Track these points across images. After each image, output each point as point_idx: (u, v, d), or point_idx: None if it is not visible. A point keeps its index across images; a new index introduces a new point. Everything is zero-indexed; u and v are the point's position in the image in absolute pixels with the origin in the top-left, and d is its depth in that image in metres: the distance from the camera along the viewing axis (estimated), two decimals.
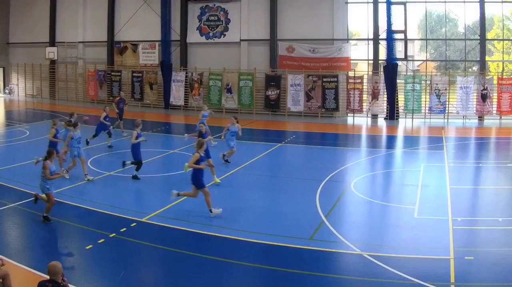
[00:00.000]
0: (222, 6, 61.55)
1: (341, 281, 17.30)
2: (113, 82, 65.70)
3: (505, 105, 53.10)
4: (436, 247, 19.59)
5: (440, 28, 63.98)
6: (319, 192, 26.98)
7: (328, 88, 56.61)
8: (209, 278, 17.13)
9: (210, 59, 61.22)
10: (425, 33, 60.32)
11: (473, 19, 57.23)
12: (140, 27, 64.57)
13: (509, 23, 61.96)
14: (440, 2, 57.50)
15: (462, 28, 59.19)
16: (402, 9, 56.25)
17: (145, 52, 65.40)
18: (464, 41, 57.94)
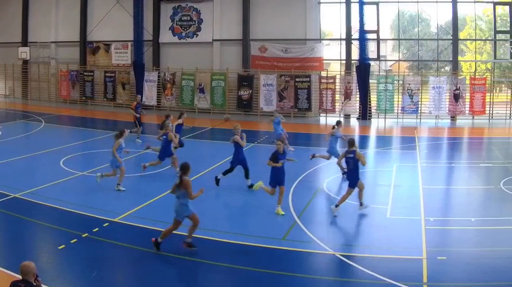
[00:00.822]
0: (194, 6, 60.24)
1: (313, 281, 17.07)
2: (85, 82, 64.15)
3: (478, 105, 52.43)
4: (409, 247, 19.35)
5: (412, 28, 63.88)
6: (291, 192, 26.37)
7: (301, 88, 55.58)
8: (182, 278, 17.21)
9: (183, 59, 59.92)
10: (398, 33, 59.93)
11: (446, 19, 56.78)
12: (112, 27, 62.97)
13: (482, 23, 62.21)
14: (413, 2, 56.69)
15: (435, 28, 58.62)
16: (374, 9, 55.52)
17: (117, 52, 63.84)
18: (437, 41, 57.45)
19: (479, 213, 23.50)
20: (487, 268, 17.54)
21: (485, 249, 19.29)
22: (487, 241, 20.26)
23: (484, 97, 52.36)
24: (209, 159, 33.90)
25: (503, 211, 23.77)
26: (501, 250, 18.98)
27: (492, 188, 27.35)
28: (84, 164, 32.56)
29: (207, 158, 34.44)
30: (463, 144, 43.29)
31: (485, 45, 63.40)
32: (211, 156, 35.36)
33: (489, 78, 54.26)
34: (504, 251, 18.89)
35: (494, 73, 58.30)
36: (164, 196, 25.08)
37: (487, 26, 63.25)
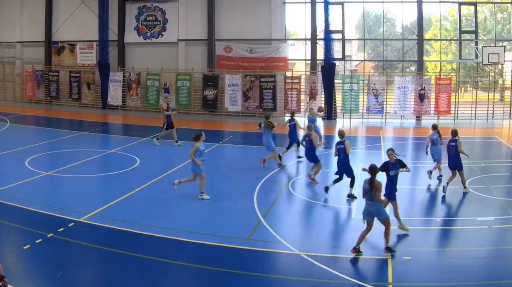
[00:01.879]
0: (159, 6, 58.38)
1: (279, 281, 16.78)
2: (50, 82, 61.94)
3: (443, 105, 51.41)
4: (374, 247, 18.92)
5: (378, 28, 63.62)
6: (256, 192, 26.05)
7: (266, 88, 53.87)
8: (147, 278, 16.55)
9: (148, 59, 58.00)
10: (363, 33, 59.00)
11: (411, 19, 56.53)
12: (77, 27, 60.75)
13: (447, 23, 61.61)
14: (378, 2, 55.26)
15: (400, 28, 58.02)
16: (339, 9, 54.12)
17: (82, 52, 61.71)
18: (402, 41, 56.40)
19: (444, 213, 23.55)
20: (453, 268, 17.40)
21: (450, 249, 19.35)
22: (452, 241, 20.34)
23: (449, 97, 51.49)
24: (174, 159, 33.34)
25: (468, 211, 23.89)
26: (466, 250, 18.77)
27: (457, 188, 26.17)
28: (49, 164, 31.69)
29: (172, 158, 34.08)
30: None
31: (450, 45, 63.16)
32: (176, 156, 34.54)
33: (454, 78, 53.56)
34: (469, 251, 18.67)
35: (459, 73, 57.83)
36: (129, 196, 24.97)
37: (452, 26, 62.36)
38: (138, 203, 23.90)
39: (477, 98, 52.73)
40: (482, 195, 25.48)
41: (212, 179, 27.96)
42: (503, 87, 56.60)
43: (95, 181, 28.30)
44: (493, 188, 26.57)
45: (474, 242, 19.57)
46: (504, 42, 55.26)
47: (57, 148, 36.73)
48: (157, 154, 35.18)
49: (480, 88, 55.64)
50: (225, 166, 32.90)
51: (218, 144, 38.83)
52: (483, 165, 30.34)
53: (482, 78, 56.43)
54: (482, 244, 19.42)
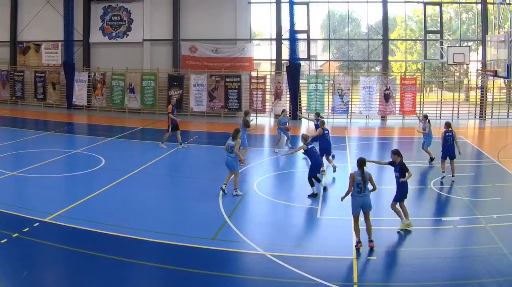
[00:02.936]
0: (125, 6, 56.43)
1: (244, 281, 16.42)
2: (16, 82, 59.69)
3: (408, 105, 50.14)
4: (339, 247, 18.73)
5: (343, 28, 62.13)
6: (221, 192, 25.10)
7: (231, 88, 52.36)
8: (112, 278, 16.07)
9: (113, 59, 56.03)
10: (328, 33, 57.48)
11: (376, 19, 55.05)
12: (43, 27, 58.50)
13: (412, 23, 61.11)
14: (343, 2, 54.19)
15: (365, 28, 56.50)
16: (304, 9, 52.86)
17: (48, 52, 59.33)
18: (367, 41, 54.72)
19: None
20: (418, 268, 16.97)
21: (415, 249, 18.80)
22: (417, 241, 19.69)
23: (414, 97, 50.20)
24: (140, 159, 32.58)
25: (433, 211, 23.59)
26: (431, 250, 18.43)
27: (422, 188, 26.45)
28: (14, 164, 30.66)
29: (137, 158, 33.20)
30: (393, 144, 40.42)
31: (415, 45, 62.24)
32: (141, 156, 34.18)
33: (419, 78, 52.32)
34: (434, 251, 18.32)
35: (424, 73, 56.87)
36: (94, 196, 24.33)
37: (417, 26, 61.97)
38: (103, 203, 23.42)
39: (442, 98, 51.81)
40: (448, 195, 25.33)
41: (177, 179, 28.75)
42: (468, 87, 55.47)
43: (60, 181, 27.49)
44: (458, 188, 26.12)
45: (439, 242, 19.40)
46: (469, 42, 54.19)
47: (22, 148, 35.76)
48: (122, 154, 34.40)
49: (445, 88, 54.47)
50: (190, 166, 32.43)
51: (184, 144, 37.27)
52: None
53: (447, 78, 55.31)
54: (447, 244, 19.16)
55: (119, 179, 27.20)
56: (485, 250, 18.08)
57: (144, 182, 27.20)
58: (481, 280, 15.80)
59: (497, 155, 34.12)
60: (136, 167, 29.77)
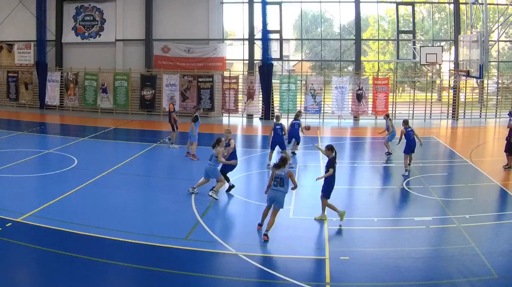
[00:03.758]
0: (97, 6, 55.00)
1: (216, 281, 15.94)
2: None
3: (380, 105, 49.48)
4: (312, 247, 18.55)
5: (315, 28, 60.46)
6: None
7: (204, 88, 51.09)
8: (85, 278, 15.53)
9: (86, 59, 54.67)
10: (301, 33, 55.87)
11: (349, 19, 54.00)
12: (15, 27, 56.89)
13: (385, 23, 60.25)
14: (315, 2, 53.17)
15: (338, 28, 55.46)
16: (277, 9, 51.80)
17: (20, 52, 57.64)
18: (340, 41, 53.66)
19: (382, 213, 22.36)
20: (390, 268, 16.61)
21: (387, 249, 18.33)
22: (390, 241, 19.26)
23: (387, 97, 49.59)
24: (112, 159, 31.82)
25: (405, 211, 23.35)
26: (404, 250, 18.02)
27: (395, 188, 26.34)
28: None
29: (110, 158, 32.48)
30: (366, 144, 40.98)
31: (388, 45, 61.01)
32: (114, 156, 33.63)
33: (392, 79, 51.52)
34: (406, 251, 17.95)
35: (397, 73, 55.94)
36: (67, 195, 23.58)
37: (390, 26, 61.00)
38: (75, 203, 22.75)
39: (415, 98, 51.08)
40: (420, 195, 24.60)
41: (150, 179, 27.91)
42: (440, 87, 55.23)
43: (32, 181, 26.61)
44: (431, 188, 25.69)
45: (412, 242, 18.86)
46: (442, 42, 53.81)
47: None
48: (95, 154, 33.67)
49: (417, 88, 53.36)
50: (163, 166, 31.79)
51: (156, 143, 37.18)
52: (421, 165, 29.43)
53: (420, 79, 54.49)
54: (420, 244, 18.73)
55: (92, 179, 26.57)
56: (458, 250, 17.81)
57: (116, 182, 26.68)
58: (453, 280, 15.50)
59: (469, 155, 33.60)
60: (108, 167, 29.20)
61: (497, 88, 51.71)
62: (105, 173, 27.98)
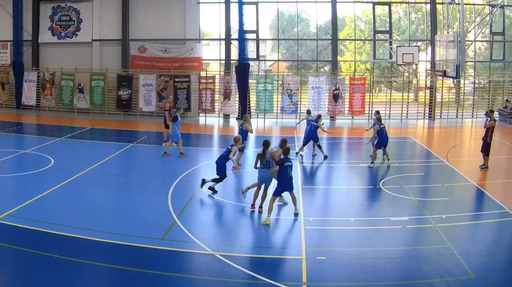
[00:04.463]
0: (74, 6, 53.77)
1: (193, 281, 15.60)
2: None
3: (357, 105, 48.80)
4: (288, 247, 18.49)
5: (292, 28, 60.37)
6: (171, 192, 24.38)
7: (180, 88, 50.05)
8: (62, 279, 15.09)
9: (62, 59, 53.44)
10: (277, 33, 55.20)
11: (325, 19, 53.20)
12: None
13: (361, 23, 58.91)
14: (292, 2, 51.97)
15: (314, 28, 54.54)
16: (254, 9, 50.51)
17: None
18: (316, 41, 52.77)
19: (358, 213, 22.13)
20: (367, 268, 16.37)
21: (364, 249, 18.10)
22: (367, 241, 18.97)
23: (363, 97, 48.94)
24: (89, 159, 31.06)
25: (382, 211, 22.75)
26: (381, 250, 17.73)
27: (371, 188, 25.78)
28: None
29: (87, 158, 31.74)
30: (342, 144, 40.31)
31: (364, 45, 59.88)
32: (90, 156, 32.83)
33: (368, 79, 51.09)
34: (383, 251, 17.66)
35: (373, 73, 55.68)
36: (43, 196, 23.07)
37: (366, 26, 59.39)
38: (52, 203, 22.28)
39: (391, 98, 50.65)
40: (397, 195, 24.23)
41: (126, 179, 27.51)
42: (417, 87, 54.46)
43: (9, 181, 26.07)
44: (407, 188, 25.33)
45: (389, 242, 18.59)
46: (418, 42, 53.13)
47: None
48: (72, 154, 33.00)
49: (394, 88, 53.44)
50: (139, 166, 31.00)
51: (133, 143, 36.48)
52: (397, 165, 29.22)
53: (396, 79, 54.39)
54: (397, 244, 18.46)
55: (68, 179, 26.03)
56: (435, 250, 17.58)
57: (93, 182, 26.16)
58: (430, 280, 15.29)
59: (446, 155, 33.20)
60: (85, 167, 28.64)
61: (474, 88, 51.41)
62: (81, 173, 27.52)
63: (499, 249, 17.82)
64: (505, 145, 36.98)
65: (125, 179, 27.30)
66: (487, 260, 16.83)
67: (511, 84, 50.49)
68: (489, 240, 18.81)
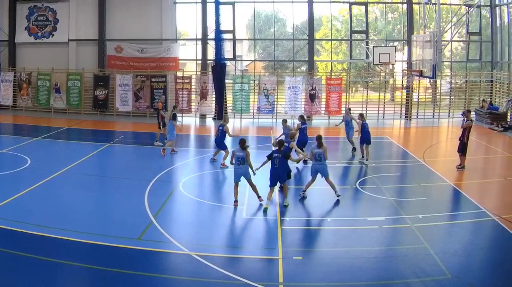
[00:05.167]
0: (50, 6, 52.57)
1: (170, 281, 15.43)
2: None
3: (333, 105, 47.97)
4: (265, 247, 18.05)
5: (268, 28, 58.97)
6: (147, 192, 24.07)
7: (157, 88, 49.07)
8: (39, 279, 14.86)
9: (39, 59, 52.23)
10: (254, 33, 54.33)
11: (302, 19, 52.30)
12: None
13: (338, 23, 58.97)
14: (269, 2, 51.35)
15: (291, 28, 53.83)
16: (230, 9, 49.77)
17: None
18: (293, 41, 51.87)
19: (335, 213, 22.09)
20: (343, 268, 16.26)
21: (341, 249, 17.96)
22: (343, 241, 18.80)
23: (340, 97, 48.04)
24: (66, 159, 30.46)
25: (359, 211, 22.56)
26: (357, 250, 17.62)
27: (348, 188, 25.42)
28: None
29: (63, 158, 31.19)
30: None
31: (341, 45, 59.36)
32: (67, 156, 32.17)
33: (345, 79, 50.02)
34: (360, 251, 17.53)
35: (350, 73, 54.23)
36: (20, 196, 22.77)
37: (343, 26, 59.55)
38: (29, 203, 22.02)
39: (368, 98, 50.04)
40: (373, 195, 24.05)
41: (103, 179, 27.32)
42: (393, 87, 54.05)
43: None
44: (384, 188, 25.10)
45: (365, 242, 18.47)
46: (395, 42, 53.01)
47: None
48: (48, 154, 32.61)
49: (371, 88, 52.81)
50: (116, 166, 30.79)
51: (109, 144, 35.96)
52: (374, 165, 28.99)
53: (373, 78, 53.81)
54: (373, 244, 18.31)
55: (45, 179, 25.71)
56: (411, 250, 17.46)
57: (70, 182, 25.84)
58: (407, 280, 15.18)
59: (422, 155, 32.81)
60: (62, 167, 28.22)
61: (450, 88, 50.95)
62: (58, 173, 27.16)
63: (476, 249, 17.66)
64: (481, 145, 36.76)
65: (102, 179, 27.11)
66: (464, 260, 16.69)
67: (487, 84, 50.03)
68: (466, 240, 18.66)
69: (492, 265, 16.56)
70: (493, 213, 20.94)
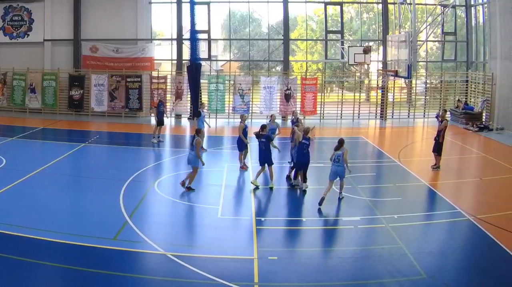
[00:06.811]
0: (26, 6, 50.67)
1: (145, 281, 15.19)
2: None
3: (309, 105, 46.65)
4: (240, 247, 17.94)
5: (244, 28, 57.47)
6: (122, 192, 23.69)
7: (132, 88, 47.25)
8: (12, 279, 14.65)
9: (14, 59, 50.23)
10: (229, 33, 53.01)
11: (277, 19, 51.04)
12: None
13: (313, 23, 57.70)
14: (244, 2, 49.99)
15: (266, 28, 52.55)
16: (205, 9, 48.46)
17: None
18: (268, 41, 50.66)
19: (310, 213, 21.66)
20: (318, 267, 16.17)
21: (316, 249, 17.89)
22: (318, 241, 18.78)
23: (315, 97, 46.79)
24: (41, 159, 29.74)
25: (334, 211, 22.18)
26: (332, 250, 17.83)
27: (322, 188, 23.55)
28: None
29: (38, 158, 30.48)
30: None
31: (316, 45, 58.01)
32: (42, 156, 31.37)
33: (320, 78, 48.45)
34: (335, 251, 17.73)
35: (325, 73, 53.05)
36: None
37: (318, 26, 58.08)
38: (3, 203, 21.54)
39: (343, 98, 48.34)
40: (348, 195, 23.60)
41: (78, 179, 26.63)
42: (368, 87, 52.78)
43: None
44: (359, 188, 24.78)
45: (340, 242, 18.81)
46: (370, 42, 51.58)
47: None
48: (23, 154, 31.95)
49: (346, 88, 51.20)
50: (91, 166, 29.94)
51: (84, 144, 35.01)
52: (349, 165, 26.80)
53: (348, 78, 52.28)
54: (348, 244, 18.37)
55: (20, 179, 25.20)
56: (386, 250, 17.36)
57: (45, 182, 25.41)
58: (382, 280, 15.11)
59: (398, 155, 32.40)
60: (37, 167, 27.66)
61: (426, 88, 50.24)
62: (33, 173, 26.66)
63: (451, 249, 17.59)
64: (456, 145, 36.50)
65: (77, 179, 26.48)
66: (439, 260, 16.63)
67: (462, 84, 49.45)
68: (441, 240, 18.62)
69: (467, 265, 16.56)
70: (468, 213, 20.91)
